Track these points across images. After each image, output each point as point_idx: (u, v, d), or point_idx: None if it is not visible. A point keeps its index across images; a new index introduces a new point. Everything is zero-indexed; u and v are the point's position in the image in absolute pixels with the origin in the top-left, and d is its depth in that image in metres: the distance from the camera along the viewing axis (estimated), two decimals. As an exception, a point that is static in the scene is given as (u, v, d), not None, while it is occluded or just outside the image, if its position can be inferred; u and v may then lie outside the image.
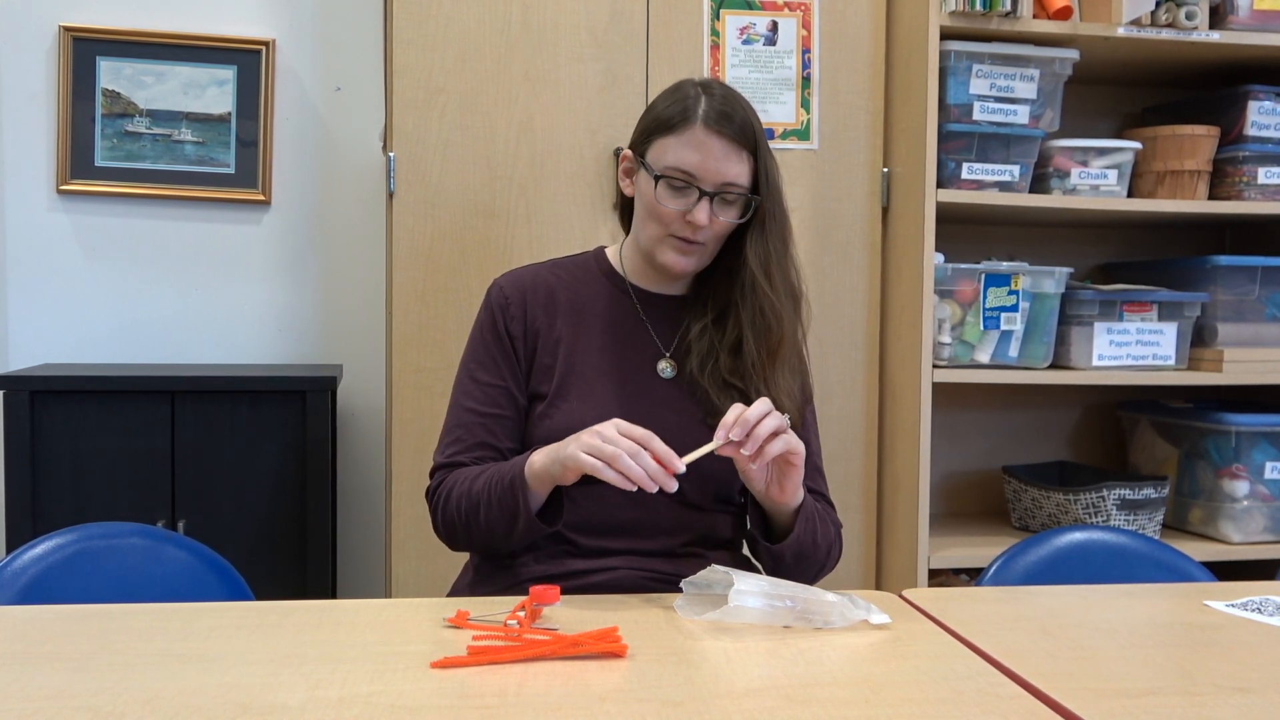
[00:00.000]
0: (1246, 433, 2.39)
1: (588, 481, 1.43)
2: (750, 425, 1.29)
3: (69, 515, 2.18)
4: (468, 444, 1.48)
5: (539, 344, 1.50)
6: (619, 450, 1.24)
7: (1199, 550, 2.28)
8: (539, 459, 1.34)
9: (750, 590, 1.19)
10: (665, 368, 1.52)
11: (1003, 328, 2.32)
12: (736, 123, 1.43)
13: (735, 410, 1.30)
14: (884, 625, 1.20)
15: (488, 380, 1.50)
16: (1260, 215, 2.46)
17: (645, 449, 1.25)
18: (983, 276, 2.31)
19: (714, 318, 1.51)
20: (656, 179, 1.45)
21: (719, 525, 1.51)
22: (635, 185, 1.52)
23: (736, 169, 1.44)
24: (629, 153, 1.52)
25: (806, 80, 2.31)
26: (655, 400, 1.49)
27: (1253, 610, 1.30)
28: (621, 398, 1.47)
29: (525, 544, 1.42)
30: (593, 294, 1.55)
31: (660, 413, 1.47)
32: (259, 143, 2.63)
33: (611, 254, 1.60)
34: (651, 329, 1.53)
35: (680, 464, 1.26)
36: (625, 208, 1.62)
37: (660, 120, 1.47)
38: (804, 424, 1.52)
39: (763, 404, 1.31)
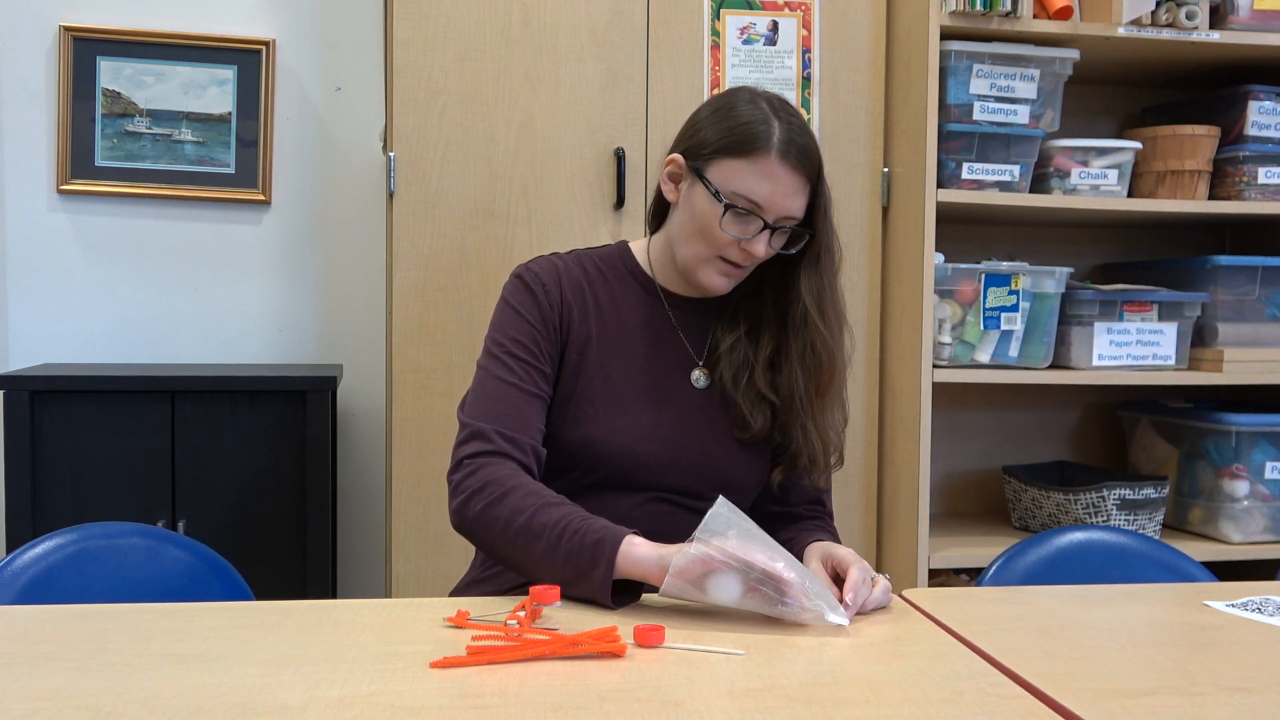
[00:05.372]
0: (1246, 433, 2.39)
1: (596, 491, 1.42)
2: (861, 601, 1.25)
3: (69, 515, 2.18)
4: (513, 418, 1.37)
5: (569, 338, 1.45)
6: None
7: (1199, 550, 2.28)
8: (644, 551, 1.21)
9: (732, 587, 1.17)
10: (699, 377, 1.49)
11: (1003, 328, 2.32)
12: (810, 155, 1.39)
13: (850, 593, 1.23)
14: (840, 627, 1.17)
15: (526, 358, 1.41)
16: (1260, 215, 2.46)
17: None
18: (983, 276, 2.31)
19: (747, 330, 1.49)
20: (725, 205, 1.38)
21: None
22: (684, 196, 1.44)
23: (799, 202, 1.40)
24: (680, 159, 1.44)
25: (806, 80, 2.31)
26: (687, 409, 1.47)
27: (1253, 610, 1.30)
28: (652, 405, 1.45)
29: (569, 592, 1.26)
30: (622, 295, 1.50)
31: (691, 422, 1.46)
32: (259, 143, 2.63)
33: (638, 251, 1.54)
34: (684, 336, 1.50)
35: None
36: (657, 208, 1.54)
37: (733, 140, 1.38)
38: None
39: (864, 571, 1.28)
